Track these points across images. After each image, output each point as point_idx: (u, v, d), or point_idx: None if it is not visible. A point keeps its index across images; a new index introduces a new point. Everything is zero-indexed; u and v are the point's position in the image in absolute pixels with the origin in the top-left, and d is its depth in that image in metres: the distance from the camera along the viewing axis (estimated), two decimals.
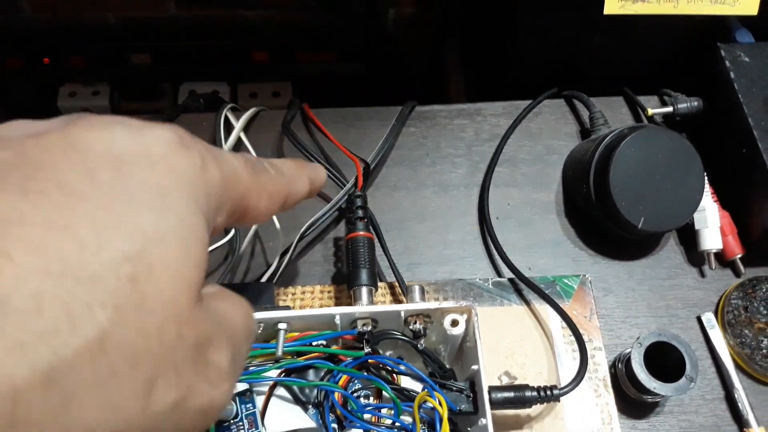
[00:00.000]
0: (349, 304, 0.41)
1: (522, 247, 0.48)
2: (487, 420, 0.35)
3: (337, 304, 0.45)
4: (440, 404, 0.34)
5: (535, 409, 0.42)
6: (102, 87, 0.69)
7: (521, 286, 0.46)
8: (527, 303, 0.46)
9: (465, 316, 0.38)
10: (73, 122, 0.17)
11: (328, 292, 0.46)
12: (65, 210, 0.15)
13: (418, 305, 0.38)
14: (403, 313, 0.38)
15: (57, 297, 0.13)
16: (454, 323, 0.38)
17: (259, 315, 0.37)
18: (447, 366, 0.39)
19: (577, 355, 0.44)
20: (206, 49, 0.70)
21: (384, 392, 0.39)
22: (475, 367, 0.37)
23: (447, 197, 0.50)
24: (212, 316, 0.18)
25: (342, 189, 0.48)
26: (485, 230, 0.48)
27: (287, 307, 0.39)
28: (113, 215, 0.15)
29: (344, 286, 0.46)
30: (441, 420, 0.33)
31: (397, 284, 0.45)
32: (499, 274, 0.47)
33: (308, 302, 0.45)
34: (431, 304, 0.38)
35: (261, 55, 0.71)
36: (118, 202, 0.16)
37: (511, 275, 0.46)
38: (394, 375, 0.38)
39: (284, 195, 0.24)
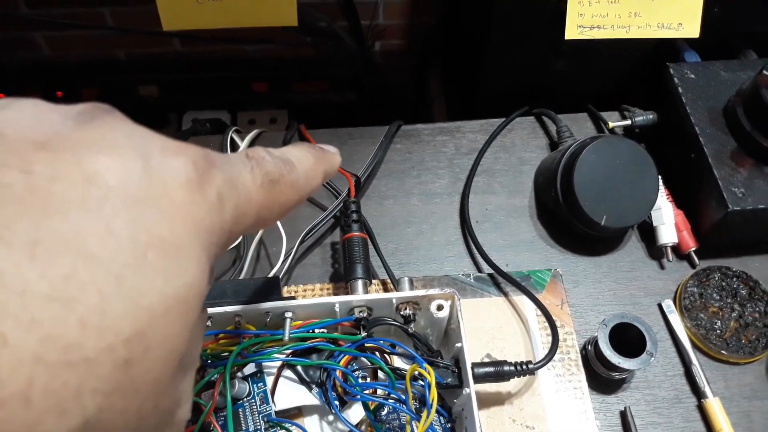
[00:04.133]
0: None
1: (499, 246, 0.53)
2: (470, 389, 0.40)
3: None
4: (429, 373, 0.39)
5: (514, 386, 0.47)
6: None
7: (499, 280, 0.51)
8: (505, 294, 0.51)
9: (449, 302, 0.43)
10: (87, 138, 0.16)
11: (327, 289, 0.51)
12: (73, 279, 0.13)
13: (408, 293, 0.43)
14: (395, 301, 0.43)
15: (47, 386, 0.13)
16: (440, 308, 0.43)
17: (268, 305, 0.42)
18: (434, 348, 0.45)
19: (551, 338, 0.49)
20: (208, 80, 0.77)
21: (379, 373, 0.44)
22: (458, 344, 0.42)
23: (431, 204, 0.56)
24: (188, 381, 0.18)
25: (336, 199, 0.53)
26: (466, 232, 0.54)
27: (292, 298, 0.44)
28: (122, 287, 0.14)
29: (341, 284, 0.51)
30: (430, 387, 0.38)
31: (388, 281, 0.50)
32: (479, 270, 0.53)
33: (309, 298, 0.50)
34: (419, 292, 0.43)
35: (260, 86, 0.78)
36: (129, 269, 0.14)
37: (490, 270, 0.52)
38: (387, 357, 0.43)
39: (296, 202, 0.23)
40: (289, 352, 0.42)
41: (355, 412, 0.44)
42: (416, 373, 0.41)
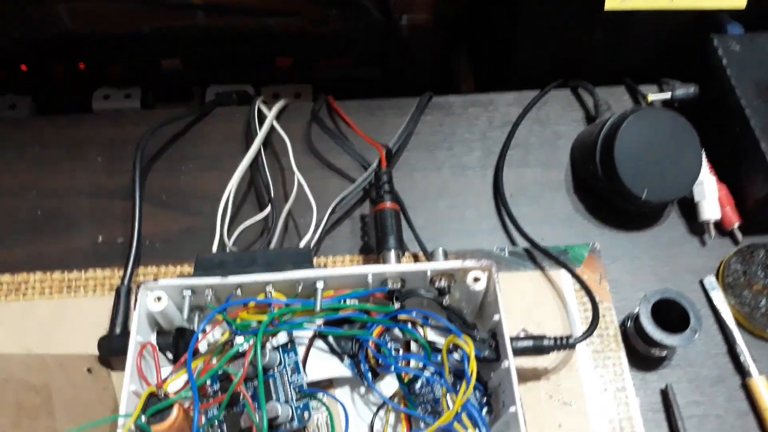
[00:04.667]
0: None
1: (534, 220, 0.52)
2: (510, 362, 0.38)
3: None
4: (467, 344, 0.37)
5: (551, 362, 0.45)
6: (134, 90, 0.74)
7: (535, 254, 0.50)
8: (541, 269, 0.49)
9: (486, 274, 0.42)
10: None
11: (357, 261, 0.49)
12: None
13: (444, 264, 0.42)
14: (429, 272, 0.42)
15: None
16: (476, 279, 0.41)
17: (300, 274, 0.41)
18: (470, 321, 0.43)
19: (589, 314, 0.47)
20: (232, 54, 0.75)
21: (412, 346, 0.43)
22: (496, 317, 0.40)
23: (464, 177, 0.54)
24: None
25: (365, 171, 0.52)
26: (500, 205, 0.52)
27: (324, 268, 0.42)
28: None
29: (372, 256, 0.49)
30: (468, 359, 0.37)
31: (420, 255, 0.49)
32: (513, 244, 0.51)
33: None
34: (455, 263, 0.42)
35: (284, 61, 0.76)
36: None
37: (525, 245, 0.50)
38: (420, 330, 0.42)
39: None
40: (320, 322, 0.41)
41: (387, 386, 0.42)
42: (452, 345, 0.40)
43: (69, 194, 0.53)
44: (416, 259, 0.49)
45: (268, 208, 0.49)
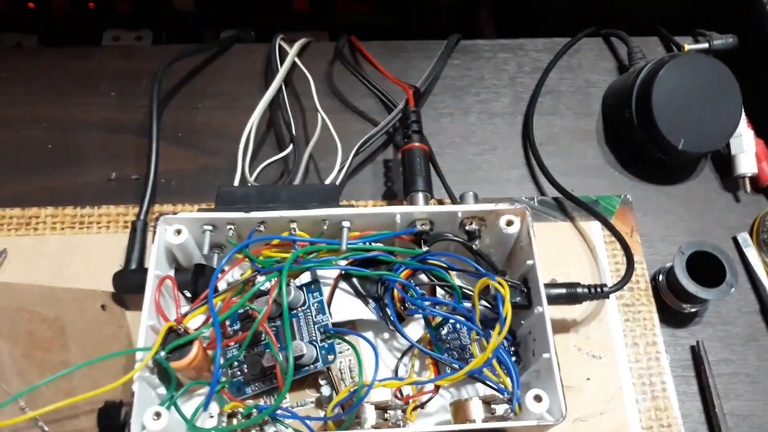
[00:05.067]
0: None
1: (565, 170, 0.50)
2: (544, 308, 0.37)
3: None
4: (502, 286, 0.36)
5: (580, 314, 0.44)
6: (145, 32, 0.71)
7: (566, 205, 0.48)
8: (571, 220, 0.47)
9: (519, 218, 0.40)
10: None
11: (381, 205, 0.48)
12: None
13: (475, 206, 0.40)
14: (460, 214, 0.40)
15: None
16: (509, 223, 0.40)
17: (325, 212, 0.39)
18: (499, 268, 0.41)
19: (619, 267, 0.46)
20: None
21: (437, 292, 0.41)
22: (530, 262, 0.39)
23: (492, 124, 0.52)
24: None
25: (390, 114, 0.50)
26: (530, 154, 0.50)
27: (351, 206, 0.41)
28: None
29: (396, 201, 0.48)
30: (503, 302, 0.35)
31: (447, 201, 0.47)
32: (542, 194, 0.49)
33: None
34: (487, 206, 0.40)
35: (301, 4, 0.73)
36: None
37: (555, 195, 0.48)
38: (448, 274, 0.40)
39: None
40: (346, 262, 0.40)
41: (412, 331, 0.41)
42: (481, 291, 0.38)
43: (80, 128, 0.50)
44: (441, 204, 0.47)
45: (290, 147, 0.47)
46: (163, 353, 0.35)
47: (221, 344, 0.35)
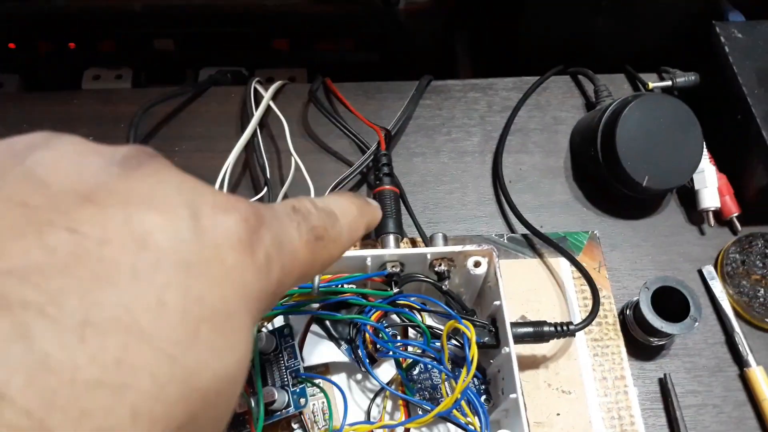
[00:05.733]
0: None
1: (533, 207, 0.51)
2: (510, 348, 0.38)
3: None
4: (469, 329, 0.36)
5: (549, 350, 0.45)
6: (125, 71, 0.72)
7: (534, 241, 0.49)
8: (540, 256, 0.49)
9: (486, 259, 0.41)
10: (136, 191, 0.15)
11: (354, 246, 0.48)
12: (124, 362, 0.12)
13: (444, 248, 0.41)
14: (429, 256, 0.41)
15: None
16: (477, 264, 0.41)
17: None
18: (468, 307, 0.42)
19: (587, 302, 0.47)
20: (227, 36, 0.74)
21: (409, 332, 0.42)
22: (497, 303, 0.40)
23: (462, 162, 0.53)
24: None
25: (363, 155, 0.51)
26: (499, 192, 0.52)
27: None
28: (175, 368, 0.13)
29: (369, 241, 0.49)
30: (470, 343, 0.36)
31: (418, 239, 0.48)
32: (512, 231, 0.50)
33: None
34: (455, 248, 0.41)
35: (280, 43, 0.75)
36: (182, 347, 0.13)
37: (524, 232, 0.49)
38: (419, 315, 0.41)
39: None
40: (317, 306, 0.40)
41: (384, 372, 0.42)
42: (451, 332, 0.39)
43: None
44: (414, 244, 0.48)
45: (264, 190, 0.48)
46: None
47: None
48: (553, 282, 0.48)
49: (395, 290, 0.41)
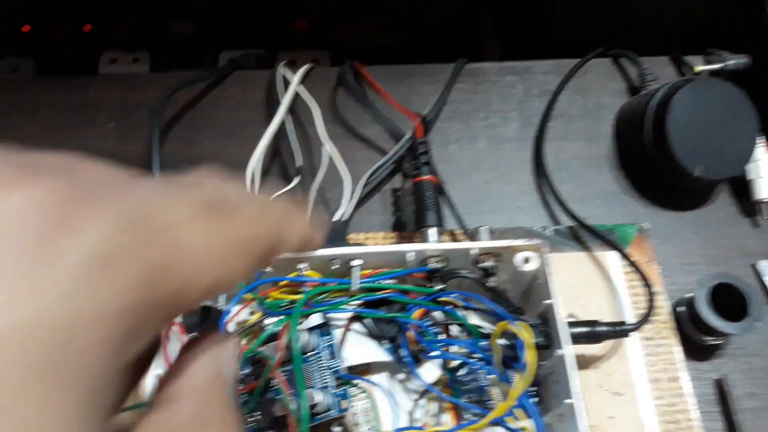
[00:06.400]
0: None
1: (577, 197, 0.48)
2: (566, 350, 0.35)
3: None
4: (524, 331, 0.34)
5: (600, 350, 0.42)
6: (142, 54, 0.70)
7: (581, 234, 0.47)
8: (587, 249, 0.46)
9: (535, 254, 0.38)
10: None
11: (391, 238, 0.46)
12: None
13: (491, 243, 0.39)
14: (475, 251, 0.39)
15: None
16: (526, 260, 0.38)
17: (336, 251, 0.38)
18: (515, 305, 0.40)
19: (638, 299, 0.45)
20: (247, 17, 0.71)
21: (451, 329, 0.40)
22: (548, 301, 0.37)
23: (501, 150, 0.51)
24: None
25: (395, 142, 0.49)
26: (541, 181, 0.49)
27: (361, 245, 0.39)
28: None
29: (407, 233, 0.46)
30: (526, 348, 0.34)
31: (457, 233, 0.46)
32: (556, 222, 0.48)
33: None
34: (502, 242, 0.38)
35: (302, 24, 0.72)
36: None
37: (569, 224, 0.47)
38: (462, 314, 0.39)
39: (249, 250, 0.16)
40: (358, 303, 0.38)
41: (427, 373, 0.39)
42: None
43: None
44: (453, 237, 0.46)
45: (297, 179, 0.45)
46: None
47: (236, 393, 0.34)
48: (601, 277, 0.45)
49: (438, 287, 0.38)
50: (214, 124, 0.51)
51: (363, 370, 0.39)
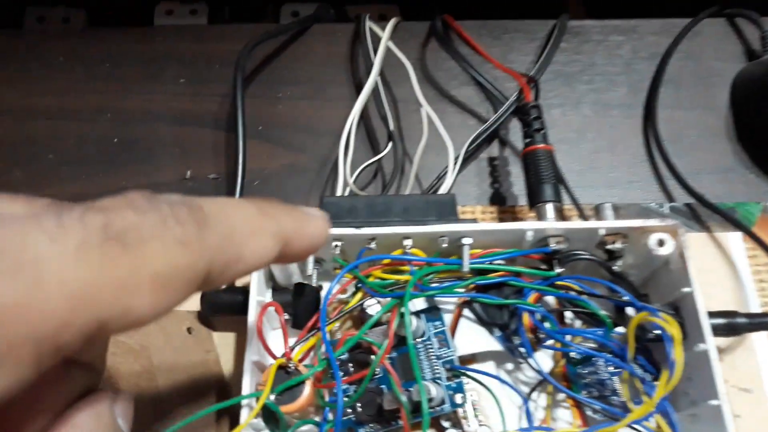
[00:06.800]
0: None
1: (692, 172, 0.44)
2: (709, 344, 0.31)
3: None
4: (671, 324, 0.30)
5: (724, 341, 0.38)
6: (200, 6, 0.65)
7: (700, 213, 0.42)
8: (707, 230, 0.42)
9: (669, 236, 0.34)
10: None
11: (491, 212, 0.42)
12: None
13: (620, 222, 0.35)
14: (603, 231, 0.35)
15: None
16: (661, 243, 0.34)
17: (445, 227, 0.34)
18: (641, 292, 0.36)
19: (763, 285, 0.40)
20: None
21: (566, 317, 0.36)
22: (686, 289, 0.33)
23: (608, 117, 0.46)
24: None
25: (494, 105, 0.44)
26: (654, 153, 0.45)
27: (473, 221, 0.35)
28: None
29: (508, 208, 0.42)
30: (672, 343, 0.30)
31: (566, 209, 0.41)
32: (670, 199, 0.43)
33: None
34: (633, 222, 0.34)
35: None
36: None
37: (687, 201, 0.42)
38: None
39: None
40: (471, 286, 0.34)
41: (539, 362, 0.36)
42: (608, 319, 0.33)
43: (148, 120, 0.45)
44: (561, 214, 0.42)
45: (389, 146, 0.41)
46: (272, 397, 0.30)
47: (341, 384, 0.31)
48: (723, 261, 0.41)
49: (558, 270, 0.34)
50: (293, 81, 0.47)
51: (468, 360, 0.36)
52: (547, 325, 0.33)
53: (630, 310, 0.35)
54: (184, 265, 0.15)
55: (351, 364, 0.34)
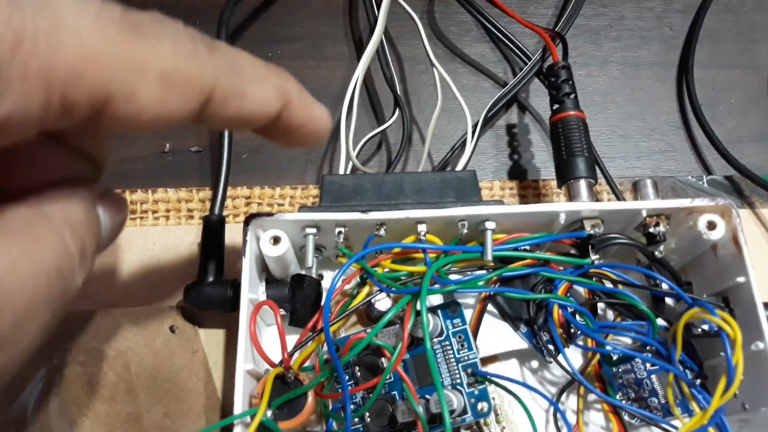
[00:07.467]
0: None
1: (732, 141, 0.39)
2: (766, 342, 0.27)
3: (522, 203, 0.37)
4: (730, 325, 0.26)
5: None
6: None
7: (742, 186, 0.38)
8: (750, 206, 0.38)
9: (721, 217, 0.30)
10: None
11: (510, 188, 0.38)
12: None
13: (666, 203, 0.30)
14: (645, 212, 0.30)
15: None
16: (711, 226, 0.30)
17: (465, 210, 0.29)
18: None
19: None
20: None
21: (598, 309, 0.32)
22: (740, 279, 0.29)
23: (638, 78, 0.41)
24: None
25: (514, 65, 0.39)
26: (689, 119, 0.40)
27: (499, 201, 0.31)
28: None
29: (529, 183, 0.38)
30: (732, 346, 0.26)
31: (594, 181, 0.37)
32: (708, 171, 0.39)
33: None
34: (682, 202, 0.30)
35: None
36: None
37: (727, 173, 0.38)
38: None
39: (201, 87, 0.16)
40: (495, 278, 0.30)
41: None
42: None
43: None
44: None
45: (396, 113, 0.36)
46: (270, 413, 0.26)
47: (348, 393, 0.26)
48: (765, 239, 0.37)
49: (593, 257, 0.30)
50: (286, 38, 0.41)
51: (489, 359, 0.32)
52: (580, 319, 0.29)
53: (670, 301, 0.31)
54: (191, 71, 0.15)
55: (357, 368, 0.29)
